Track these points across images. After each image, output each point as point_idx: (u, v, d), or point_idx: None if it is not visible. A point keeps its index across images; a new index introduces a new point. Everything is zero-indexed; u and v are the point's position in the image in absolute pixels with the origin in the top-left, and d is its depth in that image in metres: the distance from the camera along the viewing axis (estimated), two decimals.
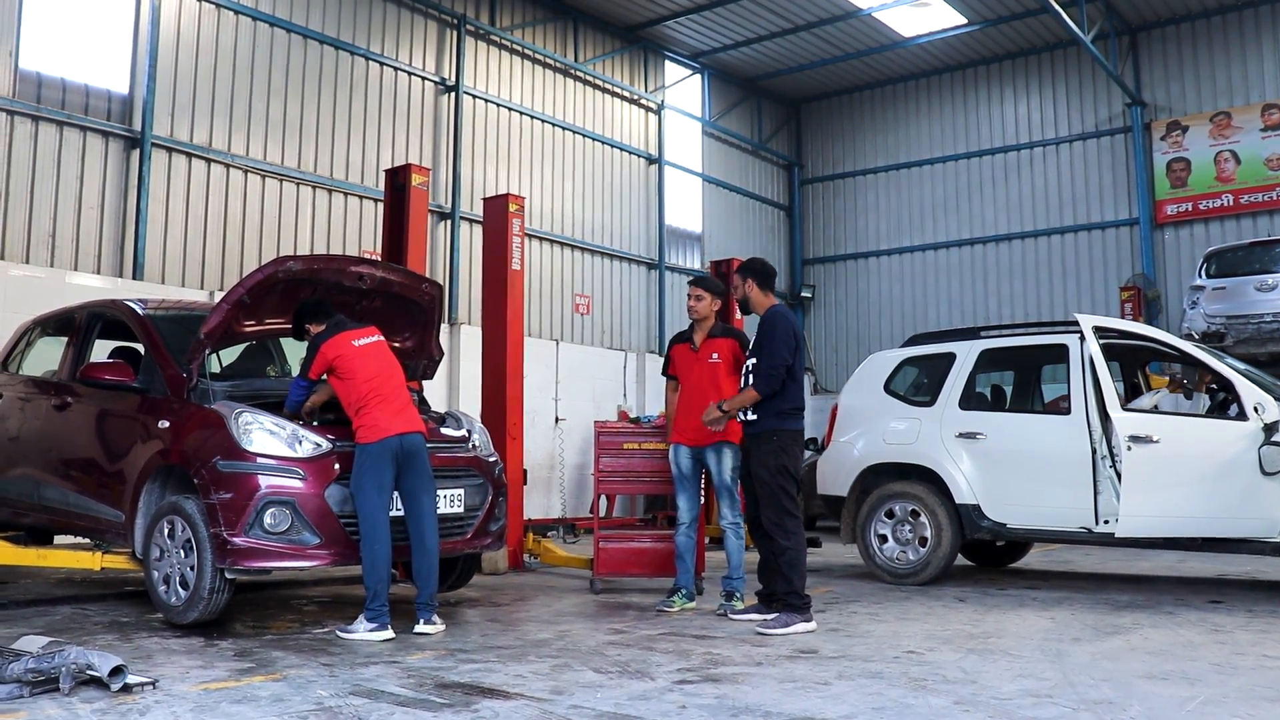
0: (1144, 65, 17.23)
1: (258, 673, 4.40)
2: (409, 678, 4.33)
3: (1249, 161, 16.18)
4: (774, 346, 5.83)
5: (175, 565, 5.39)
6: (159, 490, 5.69)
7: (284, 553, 5.22)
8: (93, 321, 6.76)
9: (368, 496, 5.23)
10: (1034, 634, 5.58)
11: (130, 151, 10.81)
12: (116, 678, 3.87)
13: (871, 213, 20.00)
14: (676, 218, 18.19)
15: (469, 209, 14.34)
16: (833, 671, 4.55)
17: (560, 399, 14.70)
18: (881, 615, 6.25)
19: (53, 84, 10.37)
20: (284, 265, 5.67)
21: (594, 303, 16.32)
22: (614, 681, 4.30)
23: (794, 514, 5.84)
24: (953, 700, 4.01)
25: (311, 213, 12.51)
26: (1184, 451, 6.62)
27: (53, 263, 10.10)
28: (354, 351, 5.45)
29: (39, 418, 6.64)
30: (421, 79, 14.00)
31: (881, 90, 19.98)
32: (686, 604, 6.43)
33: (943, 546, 7.68)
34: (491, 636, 5.40)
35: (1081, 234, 17.64)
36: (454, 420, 6.38)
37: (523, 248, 9.07)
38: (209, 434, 5.37)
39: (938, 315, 18.73)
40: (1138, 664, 4.73)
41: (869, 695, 4.09)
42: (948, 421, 7.80)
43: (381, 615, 5.26)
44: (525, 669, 4.54)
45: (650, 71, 17.76)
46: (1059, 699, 4.03)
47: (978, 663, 4.76)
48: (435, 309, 6.46)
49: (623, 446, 7.34)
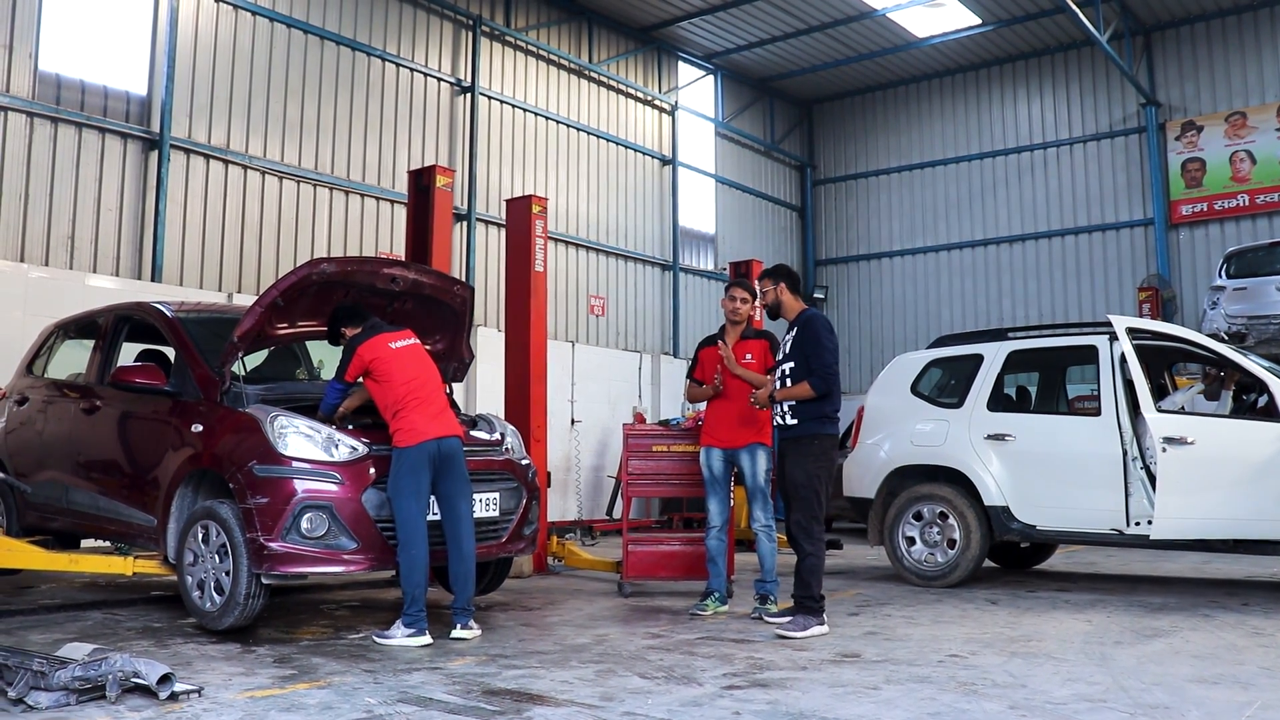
0: (1158, 65, 17.17)
1: (301, 680, 4.36)
2: (455, 684, 4.29)
3: (1265, 161, 16.11)
4: (820, 348, 5.81)
5: (210, 570, 5.35)
6: (192, 495, 5.66)
7: (321, 558, 5.18)
8: (120, 324, 6.72)
9: (405, 501, 5.19)
10: (1074, 637, 5.54)
11: (149, 153, 10.79)
12: (164, 686, 3.84)
13: (885, 214, 19.95)
14: (690, 219, 18.15)
15: (484, 210, 14.32)
16: (879, 676, 4.50)
17: (576, 401, 14.64)
18: (917, 618, 6.21)
19: (72, 85, 10.34)
20: (318, 267, 5.63)
21: (609, 304, 16.28)
22: (662, 687, 4.26)
23: (820, 520, 5.85)
24: (1007, 705, 3.96)
25: (329, 214, 12.48)
26: (1219, 453, 6.57)
27: (72, 265, 10.07)
28: (391, 354, 5.42)
29: (67, 421, 6.61)
30: (437, 80, 13.97)
31: (894, 91, 19.93)
32: (719, 608, 6.39)
33: (971, 549, 7.63)
34: (529, 642, 5.36)
35: (1096, 234, 17.58)
36: (485, 423, 6.34)
37: (545, 249, 9.03)
38: (244, 438, 5.33)
39: (951, 316, 18.69)
40: (1185, 668, 4.68)
41: (921, 700, 4.04)
42: (976, 423, 7.75)
43: (420, 621, 5.22)
44: (570, 675, 4.50)
45: (664, 72, 17.72)
46: (1114, 703, 3.99)
47: (1023, 666, 4.72)
48: (466, 311, 6.42)
49: (652, 449, 7.31)
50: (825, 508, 5.94)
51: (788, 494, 5.96)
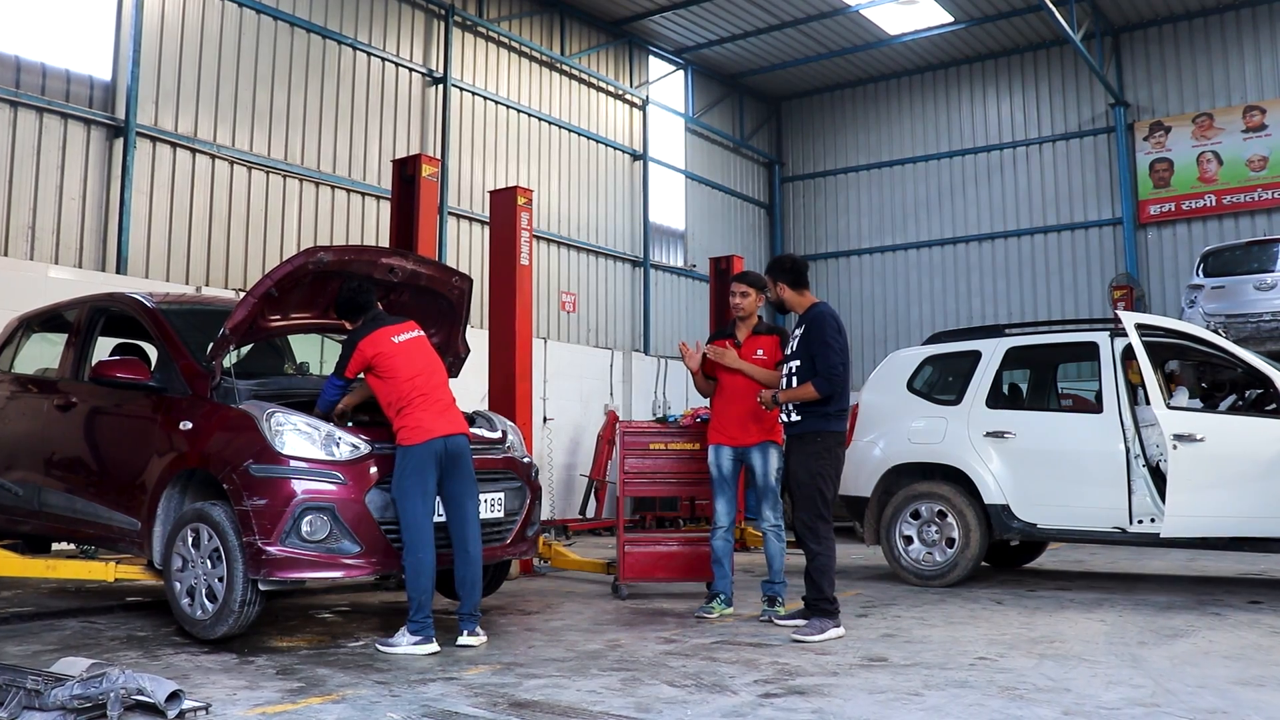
0: (1127, 66, 17.31)
1: (310, 693, 4.10)
2: (477, 696, 4.05)
3: (1231, 162, 16.30)
4: (827, 348, 5.65)
5: (201, 576, 5.05)
6: (179, 496, 5.35)
7: (322, 562, 4.91)
8: (95, 317, 6.37)
9: (411, 502, 4.94)
10: (1095, 638, 5.43)
11: (113, 140, 10.34)
12: (173, 704, 3.55)
13: (853, 211, 19.92)
14: (660, 215, 17.96)
15: (456, 204, 14.01)
16: (916, 681, 4.34)
17: (548, 398, 14.39)
18: (928, 619, 6.07)
19: (32, 69, 9.87)
20: (314, 256, 5.34)
21: (580, 300, 16.04)
22: (695, 696, 4.06)
23: (827, 519, 5.70)
24: (1060, 711, 3.82)
25: (299, 206, 12.10)
26: (1230, 450, 6.51)
27: (32, 255, 9.61)
28: (394, 348, 5.15)
29: (39, 419, 6.25)
30: (409, 70, 13.63)
31: (863, 88, 19.90)
32: (725, 610, 6.21)
33: (971, 547, 7.53)
34: (539, 649, 5.13)
35: (1065, 234, 17.68)
36: (485, 420, 6.10)
37: (531, 243, 8.78)
38: (238, 436, 5.04)
39: (920, 315, 18.71)
40: (1222, 669, 4.58)
41: (969, 706, 3.89)
42: (975, 420, 7.65)
43: (426, 628, 4.96)
44: (594, 684, 4.28)
45: (635, 67, 17.52)
46: (1168, 708, 3.86)
47: (1057, 669, 4.59)
48: (464, 304, 6.17)
49: (649, 447, 7.11)
50: (832, 506, 5.79)
51: (793, 492, 5.81)
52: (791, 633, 5.47)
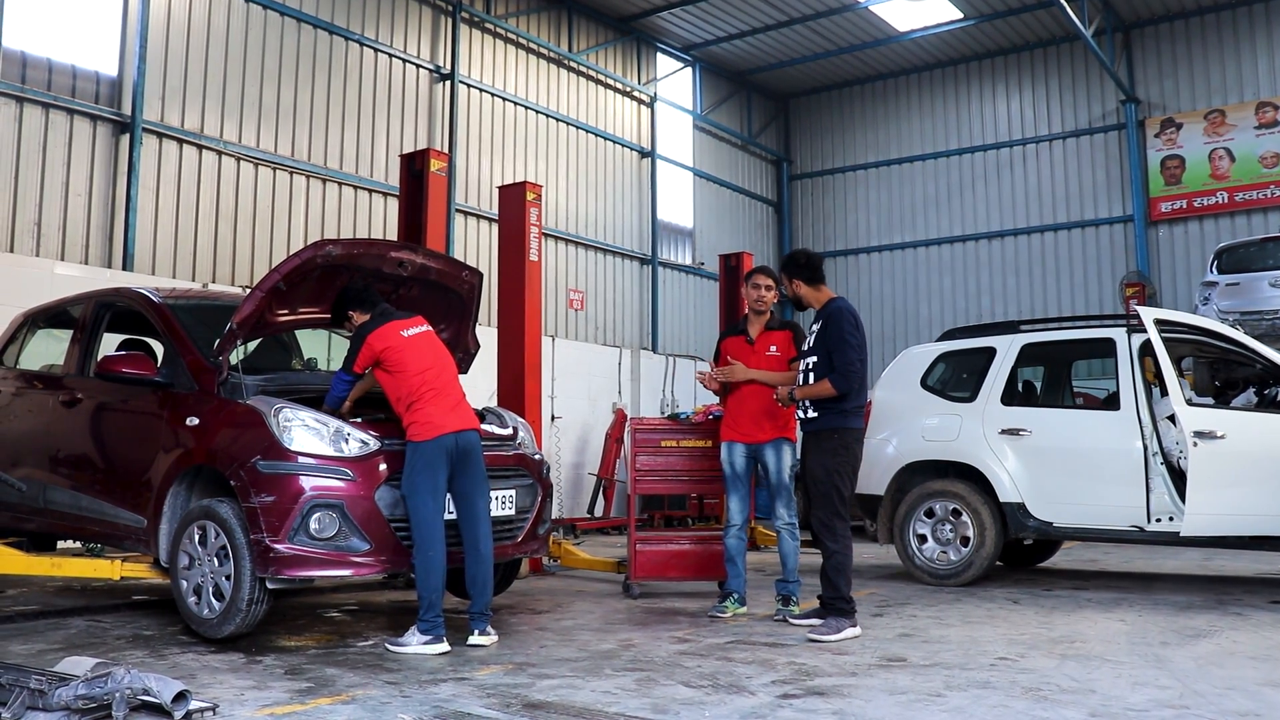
0: (1138, 62, 17.18)
1: (319, 694, 4.02)
2: (490, 697, 3.97)
3: (1244, 159, 16.17)
4: (844, 344, 5.56)
5: (208, 574, 4.98)
6: (186, 493, 5.27)
7: (331, 560, 4.84)
8: (101, 312, 6.29)
9: (422, 499, 4.86)
10: (1116, 638, 5.34)
11: (119, 136, 10.29)
12: (179, 704, 3.48)
13: (862, 209, 19.81)
14: (668, 213, 17.88)
15: (463, 201, 13.94)
16: (937, 681, 4.25)
17: (555, 397, 14.30)
18: (945, 618, 5.98)
19: (38, 64, 9.82)
20: (323, 250, 5.26)
21: (588, 298, 15.96)
22: (712, 697, 3.97)
23: (844, 516, 5.61)
24: (1086, 712, 3.73)
25: (305, 202, 12.04)
26: (1252, 448, 6.41)
27: (39, 252, 9.55)
28: (403, 343, 5.07)
29: (44, 416, 6.18)
30: (416, 66, 13.56)
31: (872, 85, 19.79)
32: (739, 609, 6.12)
33: (986, 546, 7.43)
34: (551, 648, 5.04)
35: (1075, 231, 17.56)
36: (495, 417, 6.01)
37: (540, 239, 8.70)
38: (246, 432, 4.96)
39: (929, 313, 18.60)
40: (1249, 671, 4.48)
41: (993, 708, 3.80)
42: (990, 418, 7.54)
43: (436, 627, 4.88)
44: (609, 684, 4.20)
45: (643, 63, 17.43)
46: (1197, 709, 3.77)
47: (1079, 669, 4.50)
48: (474, 299, 6.09)
49: (660, 444, 7.02)
50: (849, 503, 5.70)
51: (809, 490, 5.72)
52: (807, 632, 5.39)
